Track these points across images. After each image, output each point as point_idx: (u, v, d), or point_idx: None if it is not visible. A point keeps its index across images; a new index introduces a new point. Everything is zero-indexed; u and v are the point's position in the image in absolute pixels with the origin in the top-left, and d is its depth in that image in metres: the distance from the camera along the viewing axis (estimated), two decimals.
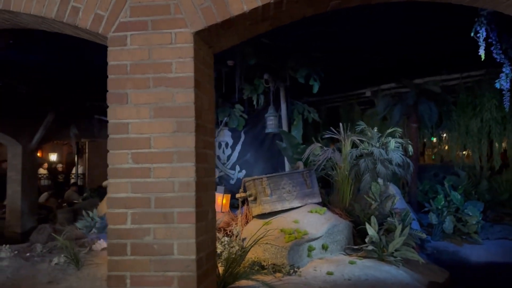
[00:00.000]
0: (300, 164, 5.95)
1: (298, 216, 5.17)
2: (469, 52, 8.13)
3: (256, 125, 9.50)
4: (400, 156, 5.73)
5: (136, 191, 2.49)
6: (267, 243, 4.52)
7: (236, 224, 5.41)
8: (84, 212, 8.61)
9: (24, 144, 10.83)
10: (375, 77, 9.58)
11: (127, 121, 2.53)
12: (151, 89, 2.52)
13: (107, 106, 9.01)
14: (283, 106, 8.17)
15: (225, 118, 9.53)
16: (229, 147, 10.14)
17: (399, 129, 6.07)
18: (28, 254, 5.99)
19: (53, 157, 18.98)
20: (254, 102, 8.65)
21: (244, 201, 5.71)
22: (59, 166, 17.23)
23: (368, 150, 5.85)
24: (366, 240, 5.03)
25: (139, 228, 2.47)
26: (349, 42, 8.03)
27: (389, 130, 5.97)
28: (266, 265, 4.44)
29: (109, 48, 2.58)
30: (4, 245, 5.99)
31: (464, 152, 9.26)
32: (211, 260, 2.75)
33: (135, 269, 2.46)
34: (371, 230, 5.01)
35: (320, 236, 4.92)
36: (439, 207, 6.42)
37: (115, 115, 2.55)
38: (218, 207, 6.22)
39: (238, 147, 9.87)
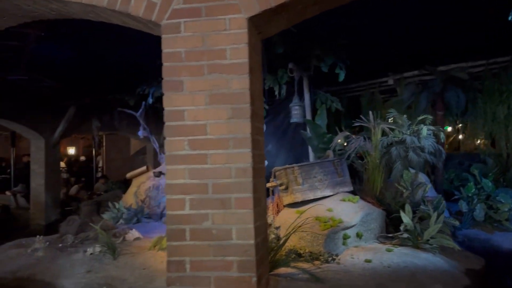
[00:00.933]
0: (330, 152, 5.95)
1: (331, 205, 5.17)
2: (495, 38, 8.08)
3: (277, 115, 9.50)
4: (432, 144, 5.70)
5: (194, 177, 2.53)
6: (303, 231, 4.54)
7: (267, 213, 5.43)
8: (110, 204, 8.74)
9: (47, 137, 11.01)
10: (397, 65, 9.51)
11: (183, 108, 2.56)
12: (206, 76, 2.54)
13: (128, 99, 9.04)
14: (307, 96, 8.14)
15: None
16: None
17: (429, 116, 6.02)
18: (60, 244, 6.09)
19: (71, 150, 19.22)
20: (276, 93, 8.64)
21: (273, 190, 5.72)
22: (81, 159, 17.47)
23: (399, 138, 5.82)
24: (401, 228, 5.02)
25: (197, 214, 2.51)
26: (370, 32, 7.98)
27: (420, 118, 5.93)
28: (303, 253, 4.46)
29: (163, 36, 2.60)
30: (38, 236, 6.09)
31: (480, 140, 9.18)
32: (265, 245, 2.78)
33: (194, 254, 2.50)
34: (406, 218, 5.00)
35: (355, 225, 4.93)
36: (470, 195, 6.37)
37: (170, 102, 2.58)
38: None
39: None
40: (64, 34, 7.54)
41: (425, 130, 5.70)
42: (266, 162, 10.03)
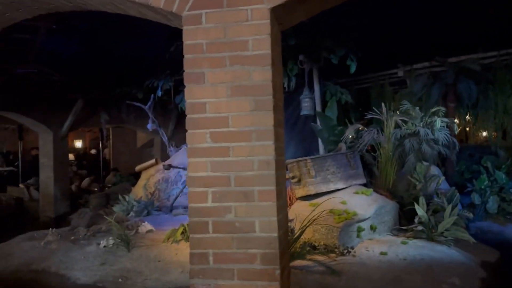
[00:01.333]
0: (342, 145, 5.94)
1: (344, 197, 5.17)
2: (506, 28, 7.99)
3: (286, 108, 9.45)
4: (446, 136, 5.66)
5: (216, 170, 2.51)
6: (317, 224, 4.54)
7: None
8: (120, 197, 8.78)
9: (55, 130, 11.05)
10: (407, 57, 9.43)
11: (204, 100, 2.54)
12: (228, 68, 2.52)
13: (136, 92, 9.05)
14: (317, 88, 8.11)
15: None
16: None
17: (442, 108, 5.98)
18: (72, 237, 6.12)
19: (78, 143, 19.29)
20: (285, 85, 8.60)
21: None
22: (92, 152, 17.58)
23: (411, 130, 5.79)
24: (416, 220, 5.02)
25: (220, 206, 2.50)
26: (379, 23, 7.91)
27: (433, 110, 5.89)
28: (318, 246, 4.46)
29: (184, 27, 2.58)
30: (50, 229, 6.13)
31: (491, 132, 9.10)
32: (286, 238, 2.77)
33: (217, 246, 2.49)
34: (421, 211, 4.99)
35: (369, 217, 4.93)
36: (482, 187, 6.35)
37: (192, 94, 2.56)
38: None
39: None
40: (73, 27, 7.54)
41: (439, 122, 5.67)
42: None
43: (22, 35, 5.94)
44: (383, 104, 5.97)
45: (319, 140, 8.13)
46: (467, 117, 8.94)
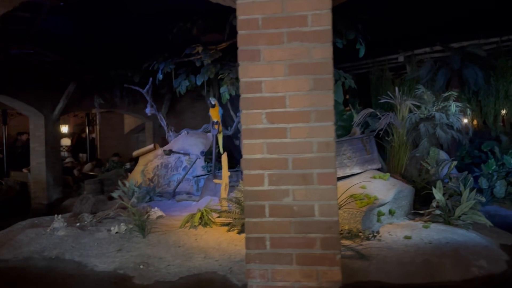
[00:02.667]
0: (357, 130, 5.89)
1: (361, 182, 5.14)
2: (508, 14, 8.02)
3: None
4: (459, 120, 5.68)
5: (272, 152, 2.41)
6: (339, 209, 4.50)
7: None
8: (120, 182, 8.59)
9: (46, 114, 10.69)
10: (406, 42, 9.41)
11: (260, 79, 2.42)
12: (285, 45, 2.40)
13: (132, 75, 8.79)
14: None
15: None
16: None
17: (454, 93, 5.98)
18: (78, 223, 5.95)
19: (64, 128, 18.79)
20: None
21: None
22: (83, 134, 17.18)
23: (424, 115, 5.78)
24: (433, 204, 5.03)
25: (277, 190, 2.41)
26: (379, 8, 7.84)
27: (445, 94, 5.89)
28: (342, 230, 4.43)
29: (238, 1, 2.44)
30: (56, 215, 5.94)
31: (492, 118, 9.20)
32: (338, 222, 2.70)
33: (275, 230, 2.41)
34: (439, 195, 5.00)
35: (388, 202, 4.92)
36: (490, 172, 6.42)
37: (247, 73, 2.44)
38: None
39: None
40: (71, 6, 7.23)
41: (453, 106, 5.67)
42: None
43: (23, 13, 5.64)
44: (396, 89, 5.94)
45: None
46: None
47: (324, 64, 2.38)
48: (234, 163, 8.62)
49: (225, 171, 5.64)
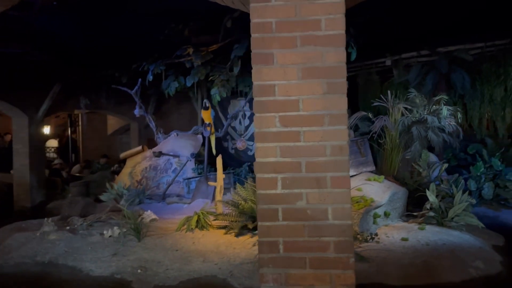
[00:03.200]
0: (351, 132, 5.94)
1: (356, 184, 5.18)
2: (492, 20, 8.23)
3: None
4: (452, 124, 5.78)
5: (286, 155, 2.41)
6: None
7: None
8: (107, 185, 8.46)
9: (30, 115, 10.46)
10: (394, 46, 9.54)
11: (274, 82, 2.42)
12: (299, 49, 2.41)
13: (119, 76, 8.72)
14: None
15: (246, 89, 9.34)
16: (246, 117, 10.02)
17: (445, 96, 6.09)
18: (68, 227, 5.84)
19: (46, 130, 18.41)
20: None
21: None
22: (74, 135, 16.85)
23: (416, 118, 5.86)
24: (427, 206, 5.11)
25: (290, 193, 2.41)
26: (367, 12, 7.94)
27: (436, 98, 5.99)
28: None
29: (251, 5, 2.44)
30: (46, 219, 5.81)
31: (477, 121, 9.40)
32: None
33: (288, 234, 2.40)
34: (432, 197, 5.08)
35: (384, 204, 4.97)
36: (478, 174, 6.55)
37: (260, 76, 2.43)
38: None
39: None
40: (62, 5, 7.10)
41: (445, 110, 5.77)
42: None
43: (12, 11, 5.50)
44: (389, 92, 6.02)
45: None
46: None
47: (338, 68, 2.39)
48: (224, 165, 8.59)
49: (220, 174, 5.61)
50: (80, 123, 18.59)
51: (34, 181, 10.55)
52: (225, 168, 8.82)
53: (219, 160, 5.63)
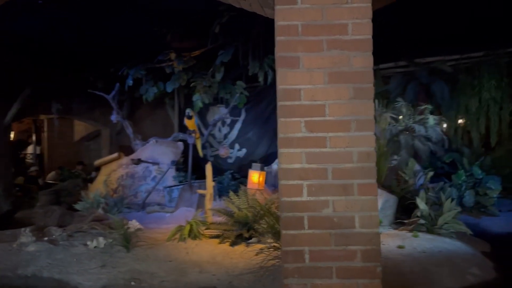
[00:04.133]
0: None
1: None
2: (467, 34, 8.54)
3: (259, 102, 9.35)
4: (438, 133, 5.91)
5: (311, 161, 2.35)
6: None
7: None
8: (83, 193, 8.13)
9: None
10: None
11: (299, 86, 2.36)
12: (325, 52, 2.36)
13: (94, 80, 8.48)
14: None
15: (227, 96, 9.24)
16: (226, 125, 9.91)
17: (429, 106, 6.22)
18: (46, 238, 5.53)
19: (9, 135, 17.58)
20: (260, 79, 8.49)
21: None
22: (30, 140, 16.11)
23: (403, 126, 5.96)
24: (418, 214, 5.17)
25: (316, 201, 2.34)
26: None
27: (422, 107, 6.11)
28: None
29: (277, 7, 2.38)
30: (23, 229, 5.49)
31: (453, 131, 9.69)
32: None
33: (314, 243, 2.33)
34: (423, 205, 5.15)
35: None
36: (460, 182, 6.71)
37: (285, 80, 2.37)
38: (254, 185, 6.09)
39: (238, 125, 9.68)
40: (36, 5, 6.82)
41: (432, 119, 5.89)
42: (244, 150, 9.89)
43: None
44: (376, 101, 6.09)
45: None
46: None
47: (365, 73, 2.36)
48: (203, 173, 8.42)
49: (210, 181, 5.48)
50: (45, 129, 17.89)
51: (0, 189, 9.98)
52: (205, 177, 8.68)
53: (208, 167, 5.50)
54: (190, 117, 7.12)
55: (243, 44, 7.62)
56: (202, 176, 8.56)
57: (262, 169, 6.38)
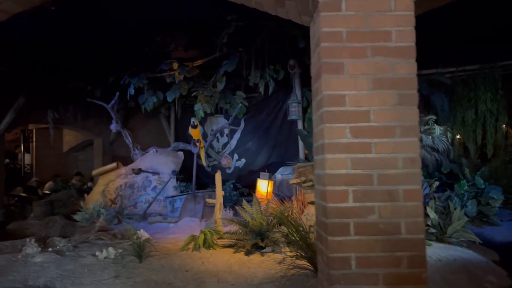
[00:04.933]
0: None
1: None
2: (463, 47, 8.73)
3: (259, 112, 9.36)
4: (445, 143, 5.98)
5: (357, 167, 2.35)
6: None
7: (291, 211, 5.31)
8: (82, 204, 7.97)
9: None
10: None
11: (344, 92, 2.38)
12: (369, 59, 2.39)
13: (92, 88, 8.46)
14: (298, 93, 8.11)
15: (227, 105, 9.24)
16: (224, 135, 9.89)
17: (433, 117, 6.31)
18: (50, 249, 5.39)
19: None
20: (261, 89, 8.52)
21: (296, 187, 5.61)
22: (18, 150, 15.81)
23: None
24: (428, 223, 5.19)
25: (362, 207, 2.34)
26: None
27: (427, 118, 6.19)
28: None
29: (321, 14, 2.39)
30: (28, 239, 5.34)
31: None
32: None
33: (360, 249, 2.32)
34: (433, 214, 5.18)
35: None
36: (462, 192, 6.78)
37: (330, 86, 2.38)
38: (263, 194, 6.05)
39: (237, 135, 9.66)
40: (33, 12, 6.72)
41: (438, 129, 5.96)
42: (243, 160, 9.85)
43: None
44: None
45: (300, 146, 8.13)
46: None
47: (409, 80, 2.39)
48: (199, 183, 8.35)
49: (219, 191, 5.43)
50: (34, 139, 17.57)
51: None
52: (203, 186, 8.62)
53: (218, 176, 5.45)
54: (195, 126, 7.08)
55: (247, 54, 7.64)
56: (202, 186, 8.54)
57: (270, 178, 6.36)
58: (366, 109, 2.37)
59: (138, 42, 7.72)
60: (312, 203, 5.48)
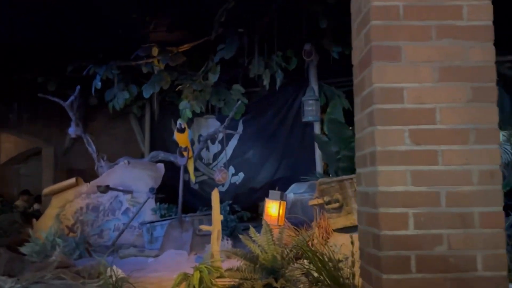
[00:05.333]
0: None
1: None
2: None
3: (263, 112, 9.34)
4: (509, 153, 6.00)
5: (419, 183, 2.35)
6: None
7: (313, 240, 5.29)
8: (30, 232, 7.90)
9: None
10: None
11: (401, 85, 2.38)
12: (434, 42, 2.39)
13: (45, 81, 8.51)
14: (315, 88, 8.12)
15: (220, 103, 9.23)
16: (216, 142, 9.87)
17: None
18: None
19: None
20: (265, 83, 8.52)
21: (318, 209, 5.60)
22: None
23: None
24: None
25: (426, 235, 2.33)
26: None
27: None
28: None
29: None
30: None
31: None
32: None
33: None
34: None
35: None
36: None
37: (383, 76, 2.38)
38: (273, 219, 6.04)
39: (233, 142, 9.65)
40: None
41: (500, 135, 5.98)
42: (241, 175, 9.90)
43: None
44: None
45: (317, 156, 8.13)
46: None
47: (485, 69, 2.39)
48: (185, 204, 8.28)
49: (217, 214, 5.38)
50: None
51: None
52: (188, 209, 8.56)
53: (215, 195, 5.41)
54: (182, 130, 7.06)
55: (249, 36, 7.65)
56: (187, 209, 8.49)
57: (282, 198, 6.29)
58: (431, 107, 2.37)
59: (107, 20, 7.70)
60: (338, 230, 5.47)
